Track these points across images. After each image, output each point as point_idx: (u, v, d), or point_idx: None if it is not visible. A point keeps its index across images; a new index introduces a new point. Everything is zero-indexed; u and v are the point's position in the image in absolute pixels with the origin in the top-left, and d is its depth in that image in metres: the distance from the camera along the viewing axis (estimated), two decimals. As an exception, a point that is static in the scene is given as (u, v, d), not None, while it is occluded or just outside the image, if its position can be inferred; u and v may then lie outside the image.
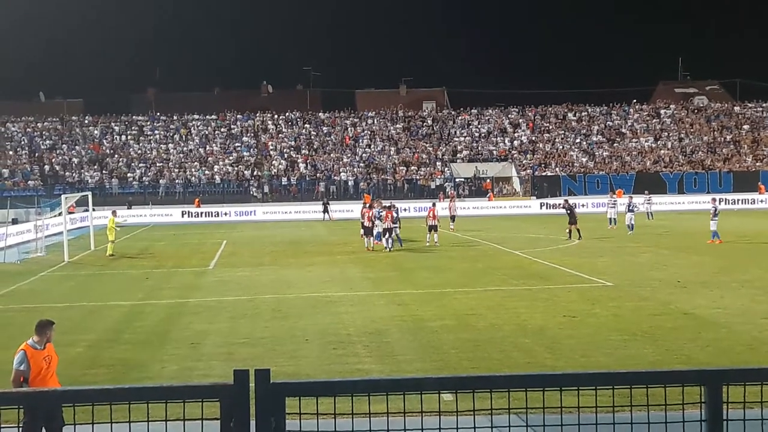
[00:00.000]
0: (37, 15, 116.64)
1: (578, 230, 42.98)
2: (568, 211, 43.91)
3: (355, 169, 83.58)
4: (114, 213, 42.92)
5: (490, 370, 15.91)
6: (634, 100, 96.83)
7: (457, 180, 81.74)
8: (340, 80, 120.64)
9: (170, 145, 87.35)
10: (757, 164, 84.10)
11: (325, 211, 68.32)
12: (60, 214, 45.20)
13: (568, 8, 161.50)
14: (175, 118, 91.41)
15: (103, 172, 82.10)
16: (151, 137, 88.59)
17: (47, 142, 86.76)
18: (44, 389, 7.77)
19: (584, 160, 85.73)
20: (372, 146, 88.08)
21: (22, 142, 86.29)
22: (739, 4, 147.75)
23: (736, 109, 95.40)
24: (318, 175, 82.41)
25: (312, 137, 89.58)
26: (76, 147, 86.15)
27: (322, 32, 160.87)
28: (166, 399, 3.93)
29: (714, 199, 43.48)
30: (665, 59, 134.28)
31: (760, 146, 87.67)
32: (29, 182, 78.86)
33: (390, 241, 39.49)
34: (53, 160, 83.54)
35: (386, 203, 43.85)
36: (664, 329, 19.54)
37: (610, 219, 50.92)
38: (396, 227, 40.97)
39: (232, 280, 30.47)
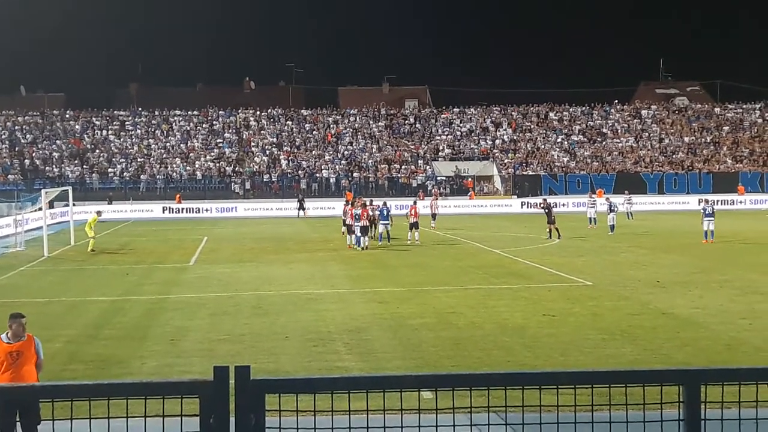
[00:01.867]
0: (18, 8, 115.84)
1: (557, 230, 43.09)
2: (546, 211, 43.99)
3: (336, 167, 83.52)
4: (99, 213, 42.49)
5: (470, 368, 15.93)
6: (616, 101, 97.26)
7: (438, 178, 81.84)
8: (322, 77, 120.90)
9: (151, 141, 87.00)
10: (737, 165, 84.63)
11: (301, 208, 68.12)
12: (40, 208, 44.95)
13: (550, 8, 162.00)
14: (156, 113, 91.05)
15: (84, 166, 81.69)
16: (133, 132, 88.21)
17: (28, 136, 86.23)
18: (21, 384, 7.71)
19: (565, 159, 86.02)
20: (354, 144, 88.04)
21: (2, 136, 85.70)
22: (721, 5, 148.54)
23: (717, 110, 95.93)
24: (300, 172, 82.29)
25: (294, 134, 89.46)
26: (57, 141, 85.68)
27: (305, 29, 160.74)
28: (145, 395, 3.92)
29: (707, 200, 43.61)
30: (646, 60, 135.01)
31: (740, 147, 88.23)
32: (9, 176, 78.37)
33: (367, 239, 39.36)
34: (33, 154, 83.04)
35: (377, 201, 43.97)
36: (643, 329, 19.64)
37: (590, 219, 51.13)
38: (388, 224, 41.31)
39: (212, 277, 30.39)
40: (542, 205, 45.69)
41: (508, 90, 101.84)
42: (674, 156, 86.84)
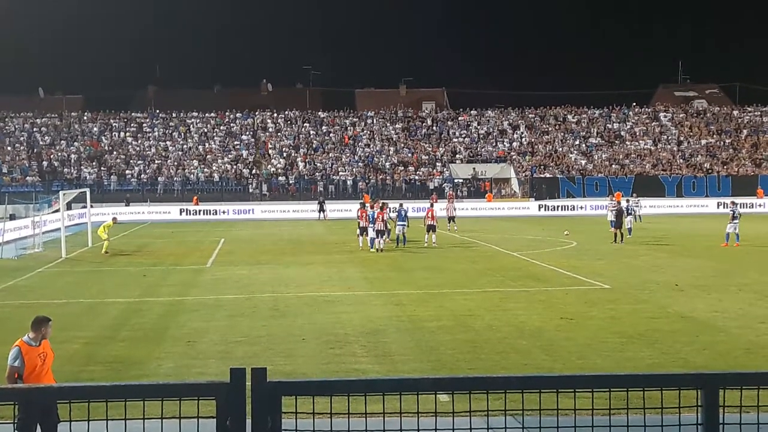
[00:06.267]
0: (37, 10, 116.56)
1: (621, 234, 42.68)
2: (616, 214, 43.34)
3: (354, 169, 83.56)
4: (114, 220, 42.57)
5: (487, 371, 15.90)
6: (634, 103, 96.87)
7: (455, 181, 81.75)
8: (339, 79, 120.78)
9: (169, 143, 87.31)
10: (756, 168, 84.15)
11: (321, 210, 68.48)
12: (57, 210, 45.17)
13: (568, 10, 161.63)
14: (174, 115, 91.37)
15: (102, 168, 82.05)
16: (150, 134, 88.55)
17: (46, 138, 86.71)
18: (40, 385, 7.75)
19: (583, 162, 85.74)
20: (371, 146, 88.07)
21: (21, 138, 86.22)
22: (740, 8, 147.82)
23: (736, 113, 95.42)
24: (317, 174, 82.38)
25: (311, 136, 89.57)
26: (75, 143, 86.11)
27: (322, 31, 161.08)
28: (162, 396, 3.93)
29: (733, 203, 43.25)
30: (665, 62, 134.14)
31: (759, 150, 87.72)
32: (27, 178, 78.82)
33: (382, 242, 39.35)
34: (52, 156, 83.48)
35: (393, 204, 43.94)
36: (661, 332, 19.54)
37: (611, 221, 50.75)
38: (404, 225, 41.21)
39: (229, 279, 30.44)
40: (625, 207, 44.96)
41: (525, 92, 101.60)
42: (693, 159, 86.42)
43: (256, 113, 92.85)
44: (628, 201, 50.23)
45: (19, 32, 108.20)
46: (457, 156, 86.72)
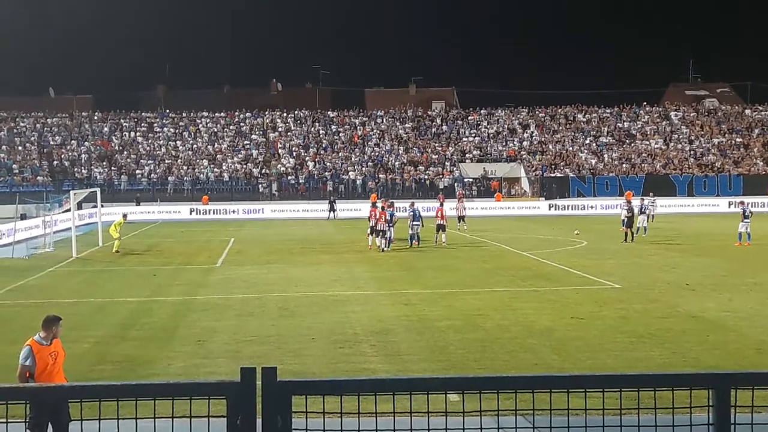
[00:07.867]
0: (47, 10, 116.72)
1: (632, 233, 42.78)
2: (630, 214, 43.40)
3: (363, 169, 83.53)
4: (124, 217, 42.71)
5: (497, 370, 15.89)
6: (644, 102, 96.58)
7: (465, 180, 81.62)
8: (349, 79, 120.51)
9: (179, 143, 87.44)
10: None
11: (332, 209, 68.48)
12: (68, 210, 45.29)
13: (578, 9, 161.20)
14: (184, 115, 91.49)
15: (112, 168, 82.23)
16: (160, 134, 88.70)
17: (56, 137, 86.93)
18: (51, 384, 7.78)
19: (593, 161, 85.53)
20: (381, 145, 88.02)
21: (32, 138, 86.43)
22: (751, 6, 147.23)
23: (747, 111, 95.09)
24: (326, 173, 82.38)
25: (321, 136, 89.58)
26: (85, 143, 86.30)
27: (331, 30, 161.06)
28: (172, 396, 3.93)
29: (743, 202, 43.16)
30: (676, 61, 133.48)
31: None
32: (38, 178, 79.02)
33: (382, 241, 39.21)
34: (62, 155, 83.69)
35: (401, 203, 43.86)
36: (672, 332, 19.50)
37: (623, 220, 50.51)
38: (418, 225, 41.15)
39: (239, 278, 30.49)
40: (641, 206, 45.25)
41: (535, 91, 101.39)
42: (704, 158, 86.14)
43: (266, 113, 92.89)
44: (643, 200, 49.99)
45: (29, 33, 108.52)
46: (467, 155, 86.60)
